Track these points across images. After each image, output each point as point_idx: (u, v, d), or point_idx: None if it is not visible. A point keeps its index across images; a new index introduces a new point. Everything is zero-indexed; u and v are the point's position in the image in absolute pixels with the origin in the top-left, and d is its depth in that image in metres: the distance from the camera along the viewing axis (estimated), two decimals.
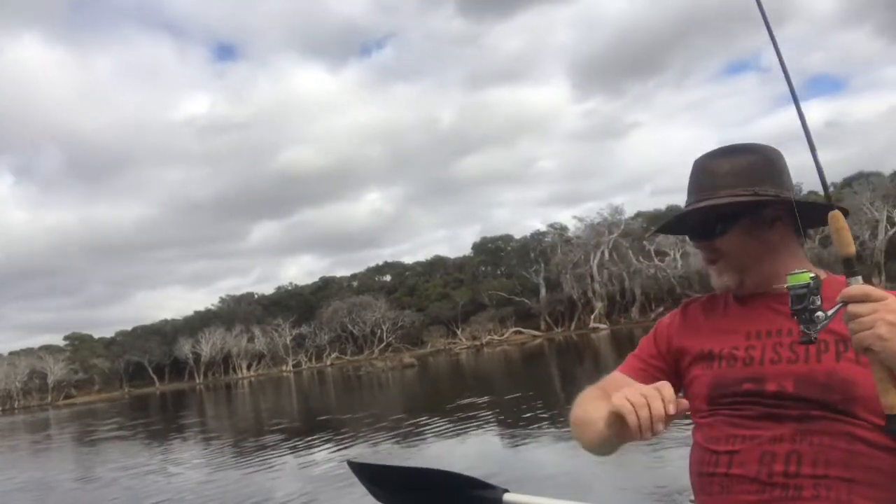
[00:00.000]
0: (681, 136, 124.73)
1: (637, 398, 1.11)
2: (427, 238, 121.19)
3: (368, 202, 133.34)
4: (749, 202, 1.27)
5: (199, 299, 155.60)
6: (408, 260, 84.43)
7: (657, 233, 1.48)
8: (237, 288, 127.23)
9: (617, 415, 1.12)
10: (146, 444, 16.27)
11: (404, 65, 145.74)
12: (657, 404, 1.09)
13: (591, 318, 57.98)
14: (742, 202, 1.27)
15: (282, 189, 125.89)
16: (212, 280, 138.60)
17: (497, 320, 62.32)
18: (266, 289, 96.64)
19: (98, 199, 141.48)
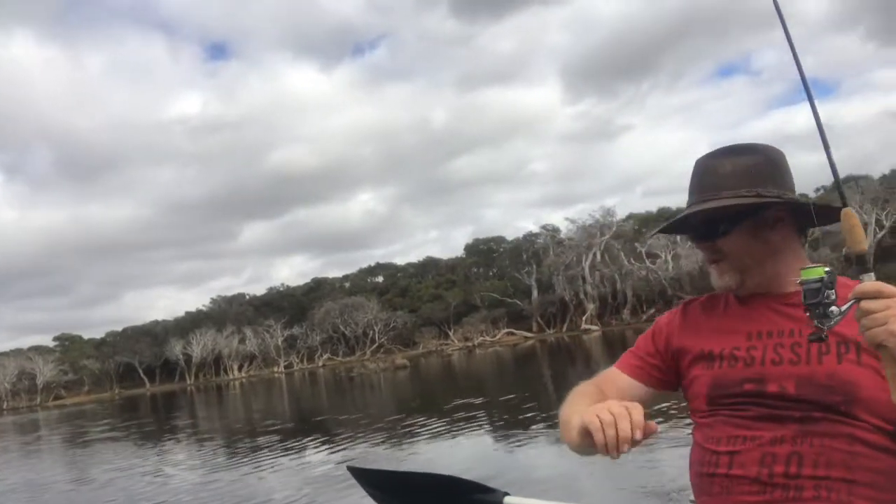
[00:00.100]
0: (672, 139, 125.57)
1: (606, 416, 1.11)
2: (419, 239, 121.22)
3: (361, 203, 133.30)
4: (752, 203, 1.26)
5: (190, 300, 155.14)
6: (400, 261, 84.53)
7: (660, 233, 1.49)
8: (228, 288, 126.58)
9: (586, 429, 1.13)
10: (139, 446, 16.15)
11: (397, 65, 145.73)
12: (624, 425, 1.09)
13: (583, 320, 58.03)
14: (745, 203, 1.25)
15: (274, 189, 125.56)
16: (203, 280, 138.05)
17: (489, 321, 62.27)
18: (258, 289, 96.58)
19: (89, 199, 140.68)
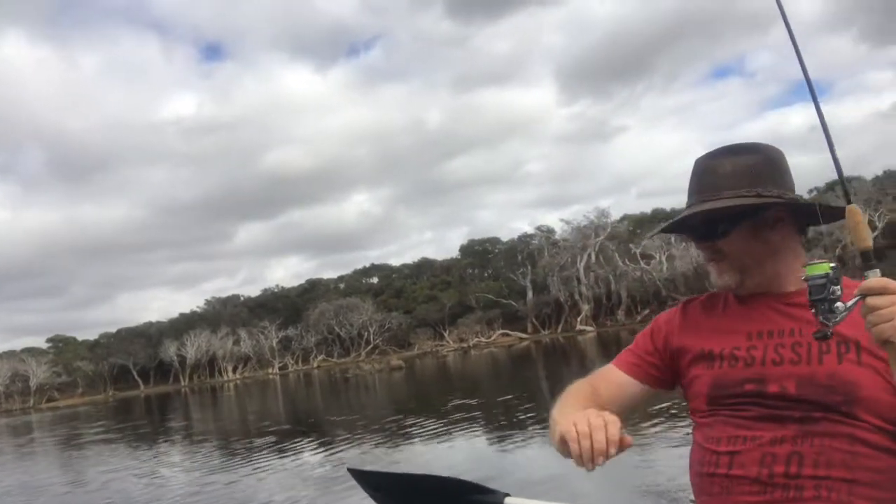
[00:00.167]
0: (667, 140, 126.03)
1: (583, 427, 1.11)
2: (414, 240, 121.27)
3: (356, 204, 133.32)
4: (752, 204, 1.25)
5: (185, 301, 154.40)
6: (395, 262, 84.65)
7: (660, 233, 1.47)
8: (223, 290, 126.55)
9: (564, 437, 1.14)
10: (135, 448, 16.11)
11: (392, 66, 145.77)
12: (599, 438, 1.09)
13: (578, 321, 58.12)
14: (745, 204, 1.25)
15: (268, 190, 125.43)
16: (197, 282, 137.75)
17: (484, 322, 62.32)
18: (252, 291, 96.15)
19: (82, 200, 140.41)
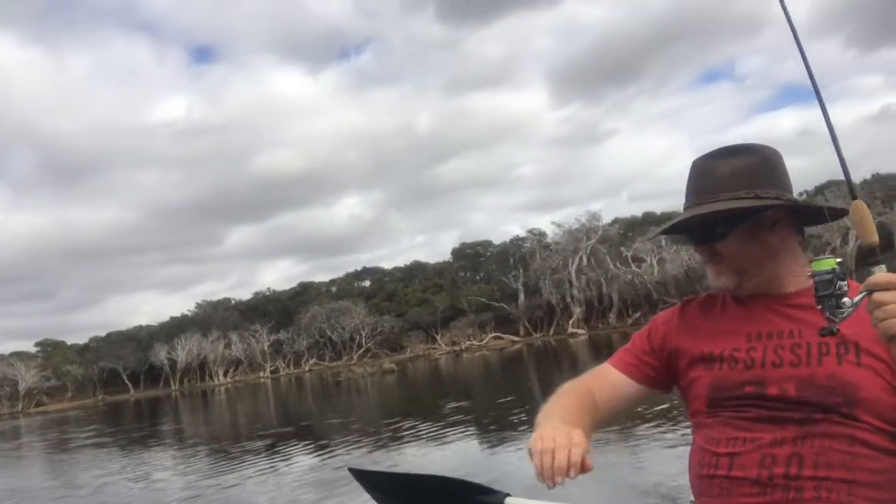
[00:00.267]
0: (657, 144, 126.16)
1: (548, 443, 1.10)
2: (406, 243, 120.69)
3: (347, 207, 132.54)
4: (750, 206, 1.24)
5: (175, 305, 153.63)
6: (387, 265, 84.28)
7: (659, 235, 1.46)
8: (213, 293, 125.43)
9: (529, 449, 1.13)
10: (129, 452, 15.99)
11: (384, 69, 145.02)
12: (561, 457, 1.07)
13: (570, 324, 58.13)
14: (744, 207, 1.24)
15: (259, 193, 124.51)
16: (188, 285, 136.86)
17: (476, 325, 62.15)
18: (243, 294, 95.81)
19: (72, 202, 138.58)
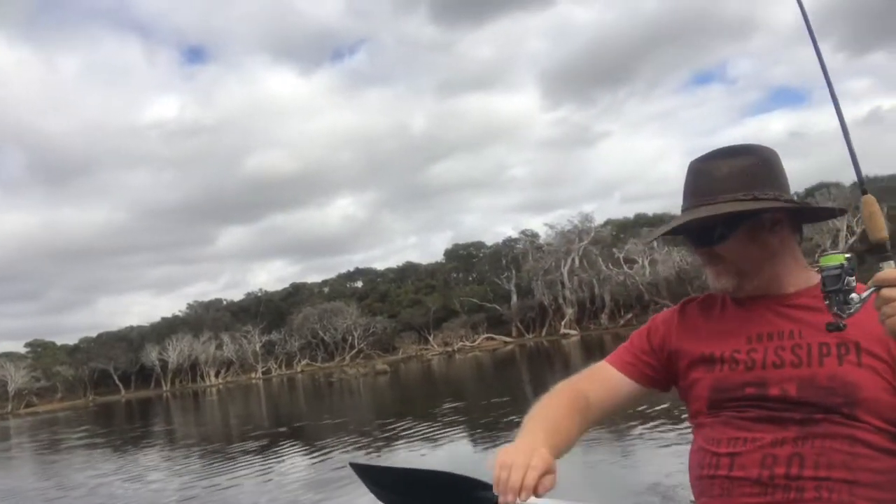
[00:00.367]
0: (649, 146, 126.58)
1: (507, 459, 1.09)
2: (399, 244, 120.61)
3: (339, 208, 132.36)
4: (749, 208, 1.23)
5: (166, 305, 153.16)
6: (379, 266, 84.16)
7: (656, 238, 1.50)
8: (205, 294, 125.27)
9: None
10: (123, 452, 15.91)
11: (377, 70, 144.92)
12: (515, 478, 1.06)
13: (562, 325, 58.26)
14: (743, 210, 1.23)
15: (251, 193, 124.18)
16: (179, 286, 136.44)
17: (469, 326, 62.14)
18: (235, 295, 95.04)
19: (62, 203, 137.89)
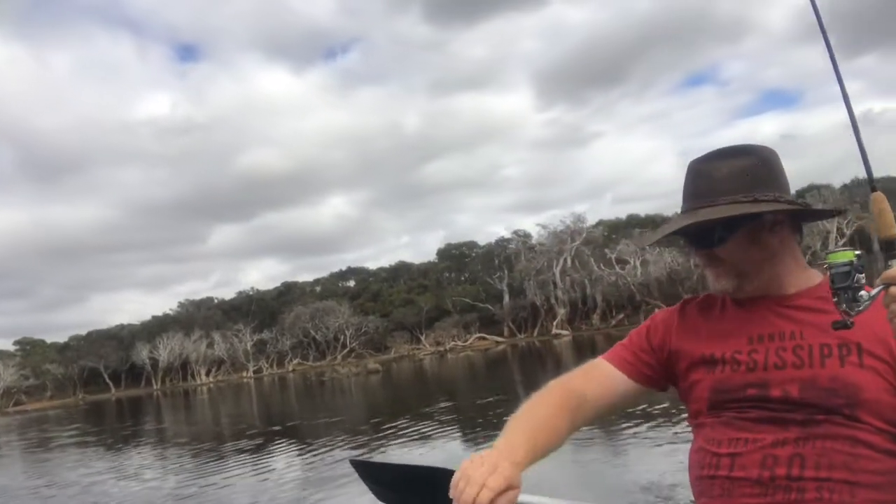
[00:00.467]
0: (641, 147, 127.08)
1: (468, 471, 1.06)
2: (391, 243, 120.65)
3: (332, 207, 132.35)
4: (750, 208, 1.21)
5: (157, 304, 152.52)
6: (371, 265, 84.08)
7: (655, 241, 1.42)
8: (196, 292, 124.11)
9: None
10: (116, 451, 15.89)
11: (370, 69, 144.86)
12: (469, 492, 1.03)
13: (554, 325, 58.40)
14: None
15: (243, 192, 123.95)
16: (170, 284, 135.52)
17: (461, 326, 62.21)
18: (226, 293, 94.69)
19: (53, 200, 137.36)
